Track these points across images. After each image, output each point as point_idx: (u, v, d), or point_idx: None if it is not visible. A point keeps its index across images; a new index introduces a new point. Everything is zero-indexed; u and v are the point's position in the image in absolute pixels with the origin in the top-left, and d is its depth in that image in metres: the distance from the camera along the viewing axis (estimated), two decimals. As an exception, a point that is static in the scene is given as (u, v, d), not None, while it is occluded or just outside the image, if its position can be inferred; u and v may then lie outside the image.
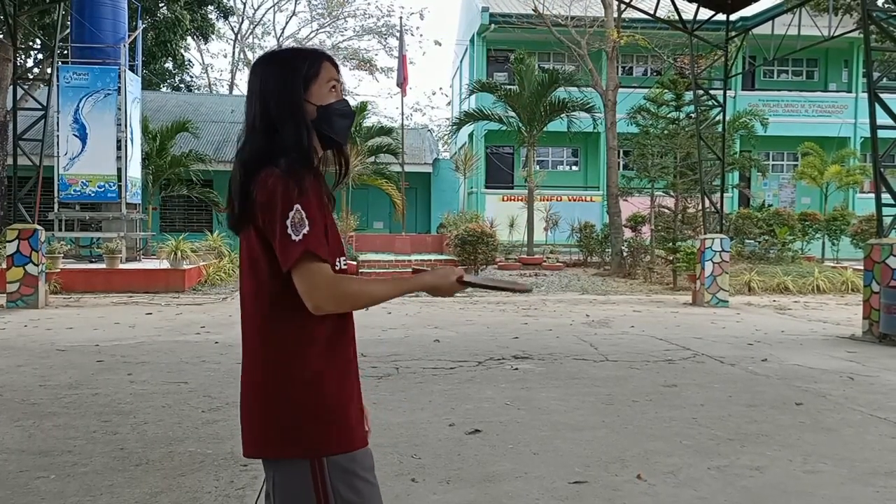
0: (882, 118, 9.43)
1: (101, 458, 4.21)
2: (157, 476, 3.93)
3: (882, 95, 9.55)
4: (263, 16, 43.42)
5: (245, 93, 1.85)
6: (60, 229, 15.97)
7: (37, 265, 11.40)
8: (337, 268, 1.73)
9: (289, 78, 1.77)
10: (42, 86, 17.08)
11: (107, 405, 5.41)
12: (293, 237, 1.62)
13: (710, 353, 7.90)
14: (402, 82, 22.33)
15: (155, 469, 4.04)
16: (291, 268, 1.64)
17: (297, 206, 1.63)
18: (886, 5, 10.20)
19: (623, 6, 17.05)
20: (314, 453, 1.67)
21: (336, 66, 1.85)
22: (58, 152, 15.49)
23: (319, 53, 1.85)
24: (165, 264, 14.55)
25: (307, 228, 1.63)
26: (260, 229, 1.68)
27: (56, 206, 15.75)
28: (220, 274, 15.83)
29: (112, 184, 15.74)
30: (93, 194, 15.79)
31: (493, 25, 25.10)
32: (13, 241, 11.33)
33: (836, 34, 12.25)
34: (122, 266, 14.63)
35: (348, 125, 1.85)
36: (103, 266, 14.51)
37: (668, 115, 17.31)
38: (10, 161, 14.54)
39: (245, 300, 1.77)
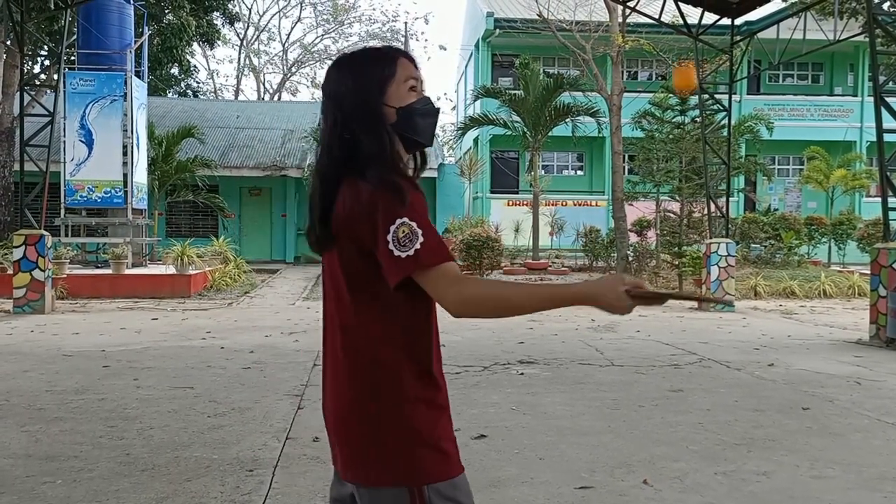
0: (888, 122, 9.39)
1: (107, 463, 4.22)
2: (162, 481, 3.93)
3: (888, 99, 9.54)
4: (269, 22, 43.64)
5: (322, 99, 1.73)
6: (67, 235, 16.03)
7: (43, 271, 11.43)
8: None
9: (363, 82, 1.66)
10: (49, 92, 17.13)
11: (113, 410, 5.42)
12: (402, 253, 1.52)
13: (716, 357, 7.88)
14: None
15: (161, 474, 4.04)
16: (412, 277, 1.54)
17: (404, 219, 1.53)
18: (892, 9, 10.19)
19: (627, 11, 17.05)
20: (416, 481, 1.58)
21: (414, 63, 1.73)
22: (64, 158, 15.56)
23: (394, 51, 1.73)
24: (171, 270, 14.58)
25: (420, 240, 1.52)
26: (356, 243, 1.58)
27: (62, 211, 15.81)
28: (225, 279, 15.86)
29: (118, 189, 15.80)
30: (99, 200, 15.85)
31: (497, 30, 25.12)
32: (20, 246, 11.37)
33: (841, 38, 12.23)
34: (127, 271, 14.66)
35: (432, 124, 1.73)
36: (109, 271, 14.55)
37: (674, 120, 17.29)
38: (16, 167, 14.61)
39: (338, 317, 1.67)
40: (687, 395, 6.08)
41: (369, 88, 1.66)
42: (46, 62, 21.74)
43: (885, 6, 10.27)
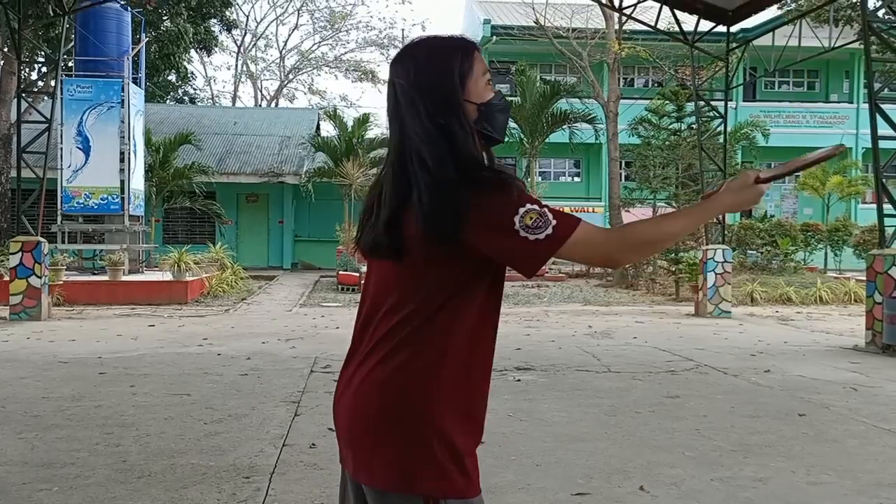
0: (883, 129, 9.44)
1: (103, 470, 4.21)
2: (159, 488, 3.92)
3: (883, 106, 9.57)
4: (266, 28, 43.66)
5: (387, 93, 1.64)
6: (63, 241, 16.02)
7: (40, 277, 11.41)
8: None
9: (445, 77, 1.57)
10: (46, 98, 17.15)
11: (109, 417, 5.41)
12: (538, 236, 1.46)
13: (712, 363, 7.89)
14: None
15: (157, 481, 4.03)
16: (545, 261, 1.49)
17: (526, 206, 1.48)
18: (887, 16, 10.24)
19: (624, 18, 17.11)
20: (435, 493, 1.52)
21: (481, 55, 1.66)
22: (61, 165, 15.56)
23: (470, 44, 1.63)
24: (168, 276, 14.57)
25: (551, 217, 1.48)
26: (446, 248, 1.50)
27: (59, 218, 15.80)
28: (222, 286, 15.84)
29: (115, 196, 15.80)
30: (96, 206, 15.85)
31: (494, 37, 25.21)
32: (16, 253, 11.35)
33: (836, 45, 12.29)
34: (124, 278, 14.65)
35: (507, 120, 1.67)
36: (106, 278, 14.53)
37: (670, 126, 17.35)
38: (13, 173, 14.59)
39: (393, 320, 1.57)
40: (683, 402, 6.09)
41: (453, 83, 1.57)
42: (44, 69, 21.74)
43: (880, 13, 10.32)
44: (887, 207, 9.55)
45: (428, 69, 1.58)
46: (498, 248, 1.50)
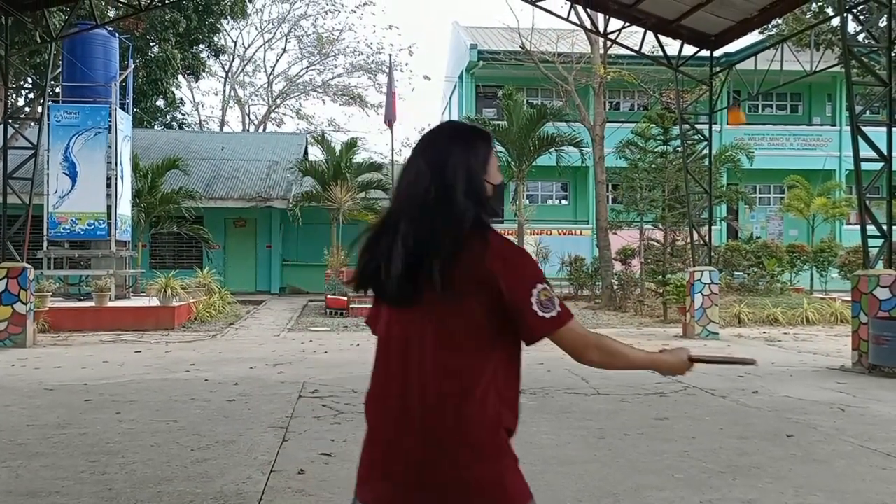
0: (865, 151, 9.56)
1: (89, 498, 4.17)
2: (145, 516, 3.88)
3: (864, 128, 9.70)
4: (254, 54, 43.60)
5: (417, 161, 1.86)
6: (49, 267, 15.89)
7: (25, 304, 11.33)
8: None
9: (478, 157, 1.87)
10: (32, 124, 17.11)
11: (95, 445, 5.36)
12: (545, 314, 1.76)
13: (701, 385, 7.90)
14: (391, 119, 22.51)
15: (143, 509, 3.99)
16: (545, 336, 1.80)
17: (545, 286, 1.78)
18: (867, 41, 10.42)
19: (609, 43, 17.32)
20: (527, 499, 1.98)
21: None
22: (47, 190, 15.50)
23: (489, 134, 1.96)
24: (155, 302, 14.48)
25: (557, 302, 1.78)
26: (491, 297, 1.76)
27: (45, 244, 15.70)
28: (210, 311, 15.77)
29: (102, 221, 15.73)
30: (82, 232, 15.77)
31: (481, 62, 25.40)
32: (1, 279, 11.26)
33: (818, 69, 12.47)
34: (111, 304, 14.56)
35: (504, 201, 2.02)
36: (92, 304, 14.43)
37: (656, 149, 17.49)
38: (-1, 199, 14.53)
39: (445, 363, 1.82)
40: (672, 423, 6.09)
41: (482, 164, 1.87)
42: (31, 95, 21.74)
43: (860, 38, 10.49)
44: (871, 228, 9.64)
45: (463, 147, 1.86)
46: (512, 305, 1.77)
